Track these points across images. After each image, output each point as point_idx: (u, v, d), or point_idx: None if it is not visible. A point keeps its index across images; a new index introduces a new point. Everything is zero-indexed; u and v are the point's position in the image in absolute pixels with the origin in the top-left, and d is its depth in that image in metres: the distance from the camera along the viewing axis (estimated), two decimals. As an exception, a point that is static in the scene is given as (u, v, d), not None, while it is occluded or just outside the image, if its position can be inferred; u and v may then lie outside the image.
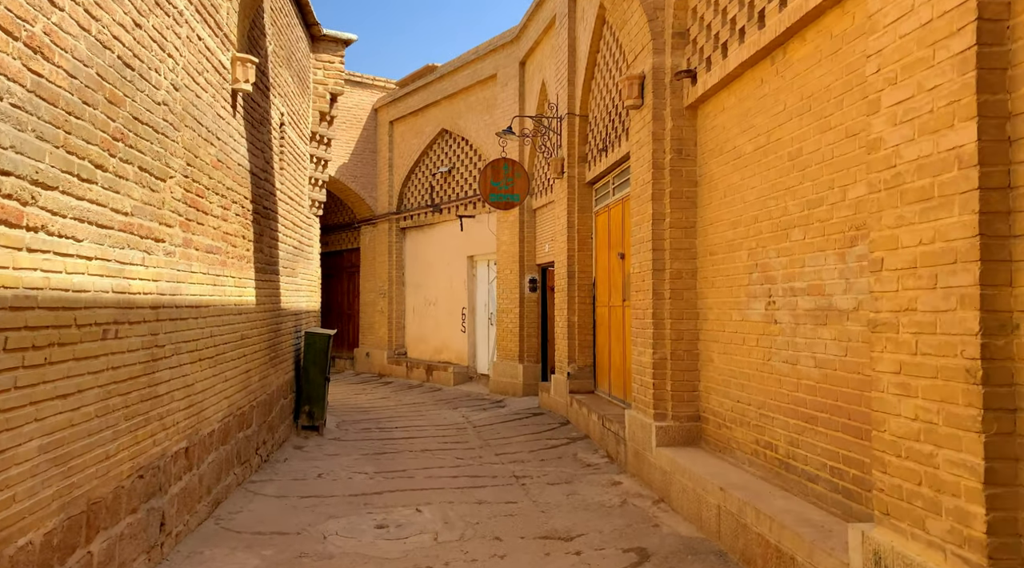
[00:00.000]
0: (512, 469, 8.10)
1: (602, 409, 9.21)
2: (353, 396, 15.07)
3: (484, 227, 15.28)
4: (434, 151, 17.22)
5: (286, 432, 9.62)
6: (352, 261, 20.80)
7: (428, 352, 17.52)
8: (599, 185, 10.51)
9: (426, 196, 17.45)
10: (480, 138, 15.16)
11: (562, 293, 11.21)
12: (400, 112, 17.85)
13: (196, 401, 5.76)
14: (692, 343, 6.72)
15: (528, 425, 10.79)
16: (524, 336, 13.81)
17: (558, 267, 11.48)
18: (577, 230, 10.80)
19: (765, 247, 5.43)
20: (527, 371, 13.69)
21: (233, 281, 6.82)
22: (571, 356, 10.86)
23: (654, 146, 6.88)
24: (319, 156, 11.53)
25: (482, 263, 15.95)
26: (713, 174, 6.40)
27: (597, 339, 10.63)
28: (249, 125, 7.43)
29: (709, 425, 6.48)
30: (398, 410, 12.90)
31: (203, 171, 5.83)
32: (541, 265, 13.79)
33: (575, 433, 9.92)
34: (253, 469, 7.73)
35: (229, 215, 6.65)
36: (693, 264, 6.74)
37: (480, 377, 15.80)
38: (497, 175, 11.23)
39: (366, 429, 10.89)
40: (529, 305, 13.87)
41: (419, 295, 17.89)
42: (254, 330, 7.66)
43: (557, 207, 11.42)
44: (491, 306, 15.52)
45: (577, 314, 10.80)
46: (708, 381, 6.50)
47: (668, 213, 6.79)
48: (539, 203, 13.35)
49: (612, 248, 9.75)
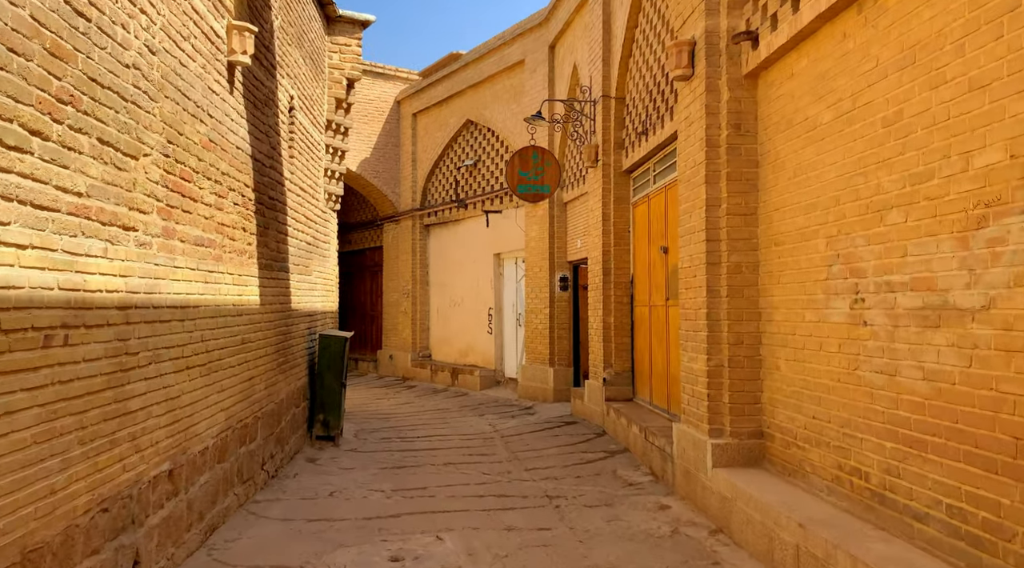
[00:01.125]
0: (544, 487, 7.26)
1: (643, 420, 8.33)
2: (374, 401, 14.33)
3: (511, 223, 14.46)
4: (458, 144, 16.44)
5: (298, 443, 8.88)
6: (375, 260, 20.11)
7: (453, 355, 16.74)
8: (637, 173, 9.63)
9: (450, 191, 16.68)
10: (507, 128, 14.34)
11: (596, 292, 10.34)
12: (423, 104, 17.09)
13: (183, 415, 5.00)
14: (753, 348, 5.82)
15: (560, 436, 9.94)
16: (554, 338, 12.96)
17: (592, 264, 10.62)
18: (613, 223, 9.93)
19: (850, 234, 4.53)
20: (558, 376, 12.83)
21: (231, 278, 6.07)
22: (607, 360, 9.99)
23: (707, 121, 5.99)
24: (336, 146, 10.79)
25: (509, 261, 15.13)
26: (779, 151, 5.50)
27: (636, 342, 9.75)
28: (251, 105, 6.69)
29: (775, 443, 5.58)
30: (421, 417, 12.12)
31: (190, 151, 5.07)
32: (572, 262, 12.93)
33: (613, 445, 9.04)
34: (258, 487, 6.98)
35: (225, 204, 5.90)
36: (754, 256, 5.85)
37: (508, 381, 14.99)
38: (526, 165, 10.39)
39: (386, 438, 10.12)
40: (560, 305, 13.02)
41: (444, 295, 17.13)
42: (258, 333, 6.92)
43: (591, 199, 10.56)
44: (519, 306, 14.70)
45: (613, 315, 9.92)
46: (773, 392, 5.60)
47: (724, 198, 5.90)
48: (570, 196, 12.49)
49: (653, 242, 8.86)
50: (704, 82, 6.02)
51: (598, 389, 10.15)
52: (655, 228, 8.77)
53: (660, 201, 8.57)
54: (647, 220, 9.13)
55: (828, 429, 4.77)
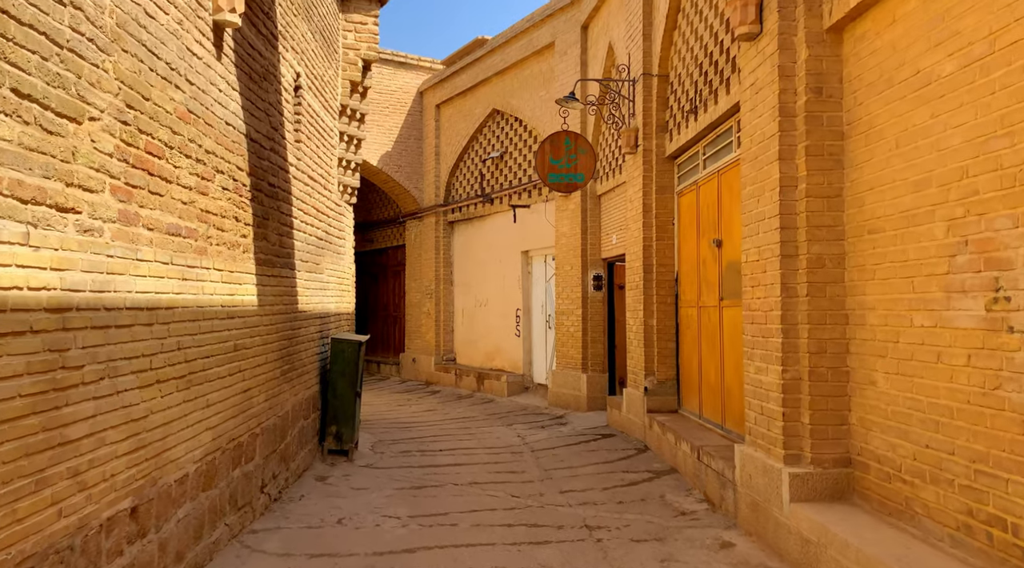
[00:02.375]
0: (582, 515, 6.31)
1: (694, 436, 7.34)
2: (396, 408, 13.47)
3: (540, 218, 13.52)
4: (484, 135, 15.54)
5: (308, 459, 8.03)
6: (397, 259, 19.29)
7: (479, 358, 15.84)
8: (683, 159, 8.64)
9: (475, 185, 15.79)
10: (536, 117, 13.41)
11: (636, 291, 9.36)
12: (447, 94, 16.22)
13: (152, 439, 4.14)
14: (838, 358, 4.82)
15: (597, 451, 8.97)
16: (587, 342, 12.00)
17: (630, 260, 9.64)
18: (655, 215, 8.94)
19: (985, 214, 3.53)
20: (591, 382, 11.86)
21: (220, 275, 5.20)
22: (648, 367, 9.01)
23: (781, 86, 5.01)
24: (351, 134, 9.94)
25: (538, 259, 14.19)
26: (874, 118, 4.50)
27: (681, 347, 8.76)
28: (247, 78, 5.83)
29: (869, 475, 4.57)
30: (444, 426, 11.23)
31: (159, 121, 4.21)
32: (607, 260, 11.96)
33: (657, 464, 8.05)
34: (256, 513, 6.12)
35: (211, 188, 5.04)
36: (839, 247, 4.85)
37: (537, 387, 14.04)
38: (557, 152, 9.44)
39: (405, 452, 9.24)
40: (593, 306, 12.05)
41: (469, 295, 16.24)
42: (255, 338, 6.06)
43: (629, 189, 9.58)
44: (549, 307, 13.75)
45: (656, 317, 8.94)
46: (865, 412, 4.60)
47: (803, 177, 4.91)
48: (605, 187, 11.51)
49: (702, 235, 7.87)
50: (776, 39, 5.03)
51: (638, 399, 9.17)
52: (705, 219, 7.78)
53: (711, 188, 7.58)
54: (695, 211, 8.14)
55: (951, 463, 3.77)
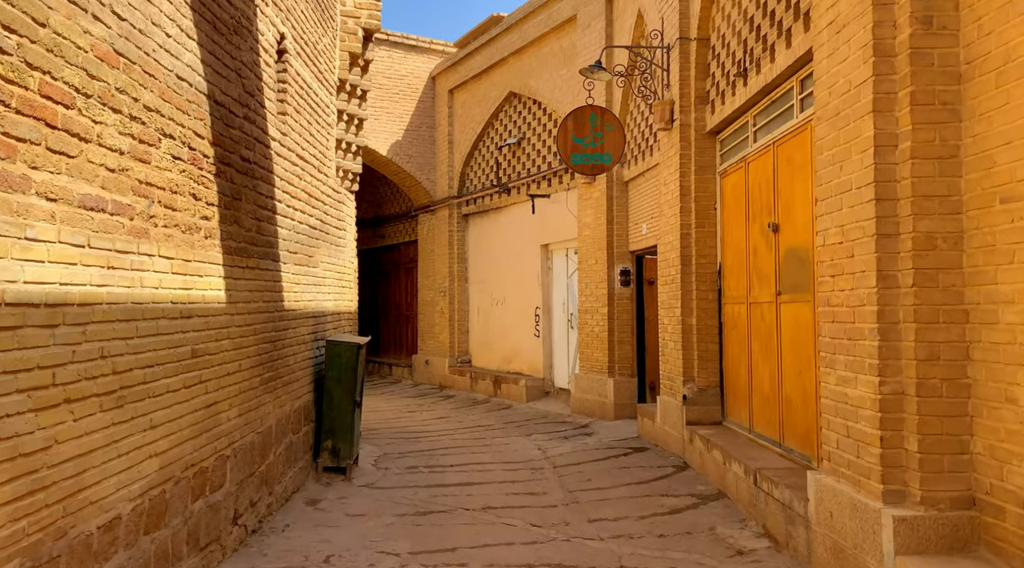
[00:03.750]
0: (617, 552, 5.24)
1: (746, 455, 6.24)
2: (405, 414, 12.46)
3: (561, 208, 12.45)
4: (500, 121, 14.49)
5: (298, 478, 7.02)
6: (409, 255, 18.30)
7: (495, 360, 14.79)
8: (727, 133, 7.53)
9: (491, 175, 14.74)
10: (556, 98, 12.33)
11: (671, 286, 8.27)
12: (460, 78, 15.18)
13: (56, 478, 3.13)
14: (957, 367, 3.72)
15: (629, 468, 7.88)
16: (614, 343, 10.91)
17: (664, 252, 8.55)
18: (695, 198, 7.84)
19: None
20: (619, 388, 10.77)
21: (168, 264, 4.20)
22: (687, 373, 7.91)
23: (875, 16, 3.91)
24: (351, 113, 8.93)
25: (559, 253, 13.12)
26: (1013, 48, 3.38)
27: (726, 349, 7.66)
28: (208, 26, 4.82)
29: (1005, 521, 3.46)
30: (457, 436, 10.19)
31: (66, 58, 3.19)
32: (635, 252, 10.86)
33: (701, 486, 6.95)
34: (227, 551, 5.11)
35: (155, 155, 4.03)
36: (956, 223, 3.74)
37: (558, 393, 12.97)
38: (582, 129, 8.37)
39: (412, 468, 8.21)
40: (620, 303, 10.96)
41: (484, 293, 15.19)
42: (224, 341, 5.05)
43: (663, 171, 8.48)
44: (571, 305, 12.68)
45: (696, 315, 7.83)
46: (998, 438, 3.49)
47: (906, 133, 3.81)
48: (633, 172, 10.41)
49: (753, 219, 6.77)
50: (868, -41, 3.93)
51: (675, 409, 8.07)
52: (757, 201, 6.68)
53: (764, 164, 6.48)
54: (742, 192, 7.04)
55: None
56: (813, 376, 5.47)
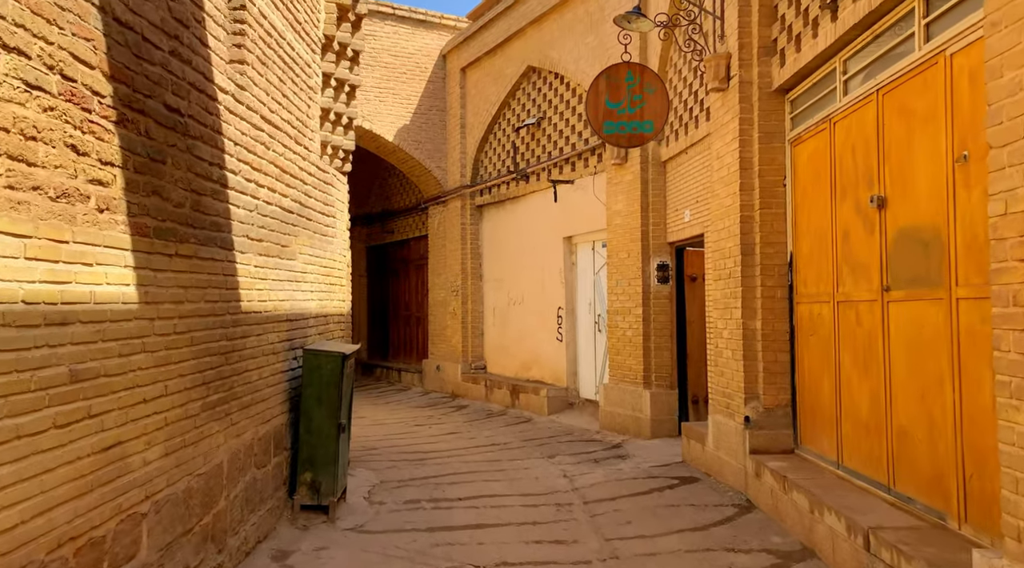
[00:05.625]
0: (682, 648, 3.76)
1: (843, 502, 4.72)
2: (412, 429, 11.03)
3: (587, 195, 10.97)
4: (517, 100, 13.03)
5: (267, 522, 5.60)
6: (420, 251, 16.89)
7: (513, 367, 13.33)
8: (802, 89, 6.03)
9: (508, 161, 13.29)
10: (581, 70, 10.85)
11: (727, 282, 6.77)
12: (474, 54, 13.74)
13: None
14: None
15: (679, 506, 6.38)
16: (650, 349, 9.41)
17: (716, 241, 7.05)
18: (759, 173, 6.34)
19: None
20: (656, 402, 9.27)
21: (19, 246, 2.79)
22: (750, 389, 6.41)
23: None
24: (341, 78, 7.51)
25: (584, 246, 11.64)
26: None
27: (800, 360, 6.15)
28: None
29: None
30: (468, 458, 8.74)
31: None
32: (675, 243, 9.36)
33: (777, 537, 5.43)
34: (142, 646, 3.69)
35: (-14, 75, 2.62)
36: None
37: (584, 404, 11.48)
38: (616, 91, 6.88)
39: (412, 502, 6.78)
40: (657, 303, 9.47)
41: (500, 292, 13.74)
42: (137, 356, 3.63)
43: (715, 142, 6.98)
44: (598, 305, 11.19)
45: (761, 317, 6.33)
46: None
47: None
48: (673, 150, 8.91)
49: (843, 194, 5.26)
50: None
51: (734, 432, 6.57)
52: (850, 169, 5.17)
53: (863, 120, 4.97)
54: (826, 160, 5.53)
55: None
56: (951, 401, 3.97)
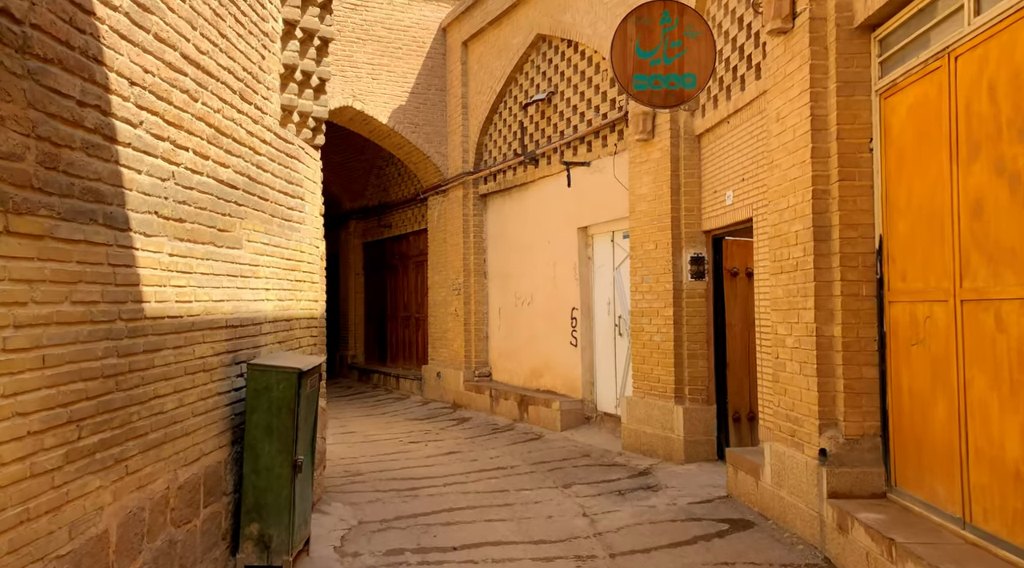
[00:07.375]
0: None
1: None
2: (406, 447, 9.65)
3: (606, 178, 9.55)
4: (525, 74, 11.62)
5: (193, 596, 4.20)
6: (419, 247, 15.52)
7: (521, 375, 11.92)
8: (897, 22, 4.59)
9: (514, 143, 11.89)
10: (599, 34, 9.44)
11: (792, 276, 5.34)
12: (476, 24, 12.34)
13: None
14: None
15: (733, 564, 4.95)
16: (683, 356, 7.99)
17: (773, 225, 5.61)
18: (836, 134, 4.91)
19: None
20: (690, 419, 7.84)
21: None
22: (826, 412, 4.97)
23: None
24: (308, 28, 6.13)
25: (603, 237, 10.21)
26: None
27: (895, 377, 4.72)
28: None
29: None
30: (469, 488, 7.34)
31: None
32: (712, 232, 7.94)
33: (882, 623, 4.02)
34: None
35: None
36: None
37: (603, 419, 10.06)
38: (649, 36, 5.45)
39: (395, 552, 5.39)
40: (691, 303, 8.04)
41: (507, 290, 12.34)
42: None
43: (774, 99, 5.55)
44: (618, 305, 9.77)
45: (840, 321, 4.90)
46: None
47: None
48: (711, 119, 7.48)
49: (972, 154, 3.83)
50: None
51: (803, 469, 5.14)
52: (989, 117, 3.74)
53: (1003, 50, 3.54)
54: (943, 110, 4.11)
55: None
56: None
